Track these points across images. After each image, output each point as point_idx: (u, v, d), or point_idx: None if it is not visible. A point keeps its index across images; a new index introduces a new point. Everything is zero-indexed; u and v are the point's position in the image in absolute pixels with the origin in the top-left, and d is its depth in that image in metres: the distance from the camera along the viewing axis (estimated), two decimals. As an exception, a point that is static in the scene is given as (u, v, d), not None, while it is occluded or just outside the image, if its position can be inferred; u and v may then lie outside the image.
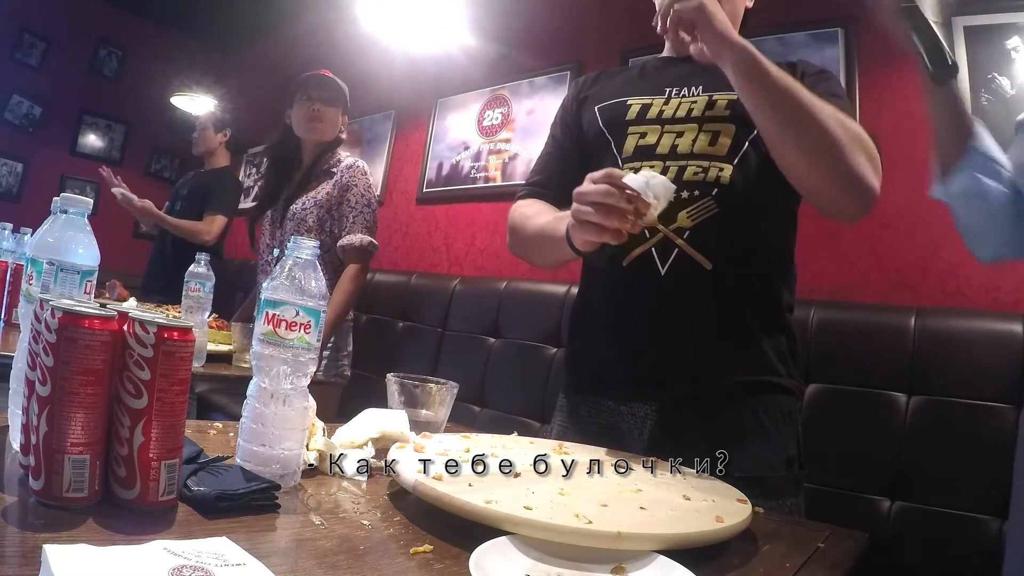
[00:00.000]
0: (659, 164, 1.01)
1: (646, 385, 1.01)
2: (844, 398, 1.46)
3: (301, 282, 0.69)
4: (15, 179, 4.23)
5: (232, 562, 0.45)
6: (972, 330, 1.38)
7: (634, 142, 1.05)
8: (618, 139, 1.07)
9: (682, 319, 0.99)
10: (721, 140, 1.00)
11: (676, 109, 1.04)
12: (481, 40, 2.83)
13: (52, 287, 0.65)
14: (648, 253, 1.00)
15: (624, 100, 1.10)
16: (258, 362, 0.68)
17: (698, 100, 1.04)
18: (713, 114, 1.02)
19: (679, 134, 1.02)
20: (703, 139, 1.01)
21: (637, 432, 1.01)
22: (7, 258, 1.48)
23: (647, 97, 1.08)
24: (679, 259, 0.98)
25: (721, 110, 1.01)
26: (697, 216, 0.98)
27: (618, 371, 1.04)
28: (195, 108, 3.66)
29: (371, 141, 3.36)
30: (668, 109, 1.05)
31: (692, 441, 0.93)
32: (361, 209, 1.98)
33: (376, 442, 0.82)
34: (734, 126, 1.00)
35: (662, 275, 0.99)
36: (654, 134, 1.04)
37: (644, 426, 1.01)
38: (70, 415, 0.52)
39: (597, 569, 0.54)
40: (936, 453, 1.34)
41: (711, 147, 1.00)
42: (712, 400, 0.98)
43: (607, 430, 1.04)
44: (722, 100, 1.02)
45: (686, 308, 0.99)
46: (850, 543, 0.76)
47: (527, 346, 2.10)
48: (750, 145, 1.00)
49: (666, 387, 1.00)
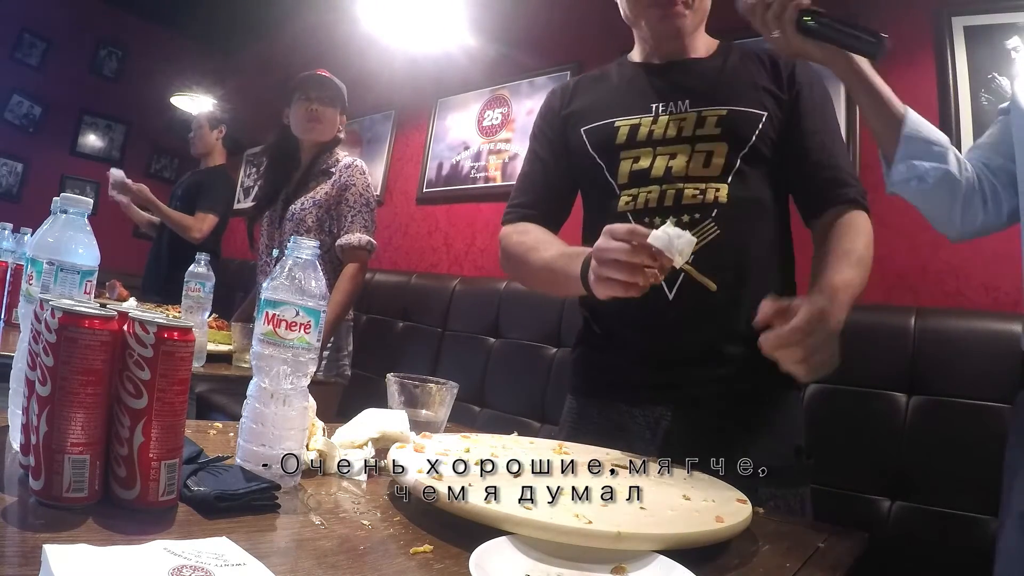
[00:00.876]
0: (656, 188, 1.01)
1: (659, 388, 1.02)
2: (844, 398, 1.46)
3: (301, 282, 0.69)
4: (15, 179, 4.23)
5: (232, 562, 0.45)
6: (972, 330, 1.38)
7: (628, 167, 1.04)
8: (611, 164, 1.06)
9: (692, 336, 1.00)
10: (714, 161, 1.00)
11: (666, 128, 1.03)
12: (481, 40, 2.83)
13: (52, 287, 0.65)
14: None
15: (611, 122, 1.07)
16: (258, 362, 0.68)
17: (687, 117, 1.02)
18: (704, 132, 1.01)
19: (672, 156, 1.02)
20: (696, 161, 1.00)
21: (649, 433, 1.02)
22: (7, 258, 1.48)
23: (634, 117, 1.06)
24: (686, 283, 0.98)
25: (711, 127, 1.01)
26: (702, 239, 0.97)
27: (629, 376, 1.05)
28: (195, 108, 3.66)
29: (371, 141, 3.36)
30: (657, 128, 1.03)
31: (705, 441, 0.93)
32: (359, 209, 1.98)
33: (376, 442, 0.82)
34: (726, 144, 1.00)
35: (670, 300, 0.99)
36: (647, 157, 1.03)
37: (657, 427, 1.01)
38: (70, 415, 0.52)
39: (597, 569, 0.54)
40: (936, 453, 1.34)
41: (705, 168, 1.00)
42: (724, 400, 0.99)
43: (616, 431, 1.04)
44: (711, 116, 1.01)
45: (695, 326, 0.99)
46: (850, 543, 0.76)
47: (527, 346, 2.10)
48: (742, 162, 1.00)
49: (679, 390, 1.00)
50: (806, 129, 1.03)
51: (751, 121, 1.01)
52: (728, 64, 1.07)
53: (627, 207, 1.03)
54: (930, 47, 1.66)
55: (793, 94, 1.04)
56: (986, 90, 1.58)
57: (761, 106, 1.02)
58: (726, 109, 1.01)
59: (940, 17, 1.64)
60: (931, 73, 1.65)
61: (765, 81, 1.04)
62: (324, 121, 2.04)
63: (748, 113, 1.01)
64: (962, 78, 1.60)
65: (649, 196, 1.01)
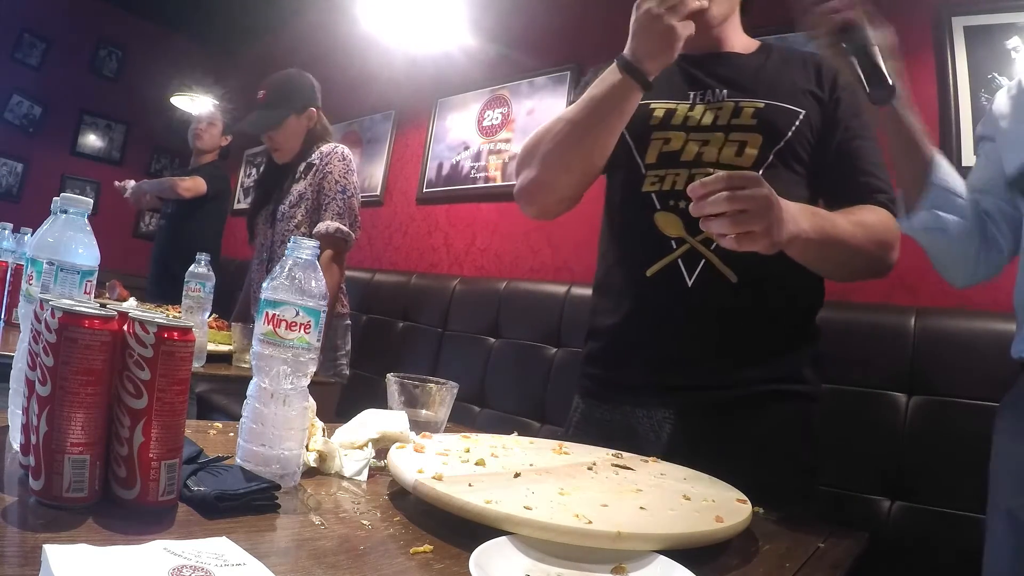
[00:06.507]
0: (684, 172, 1.00)
1: (666, 390, 1.00)
2: (844, 398, 1.46)
3: (301, 282, 0.69)
4: (15, 179, 4.23)
5: (232, 562, 0.45)
6: (972, 330, 1.38)
7: (657, 148, 1.03)
8: (640, 144, 1.05)
9: (707, 330, 0.98)
10: (747, 151, 0.99)
11: (701, 116, 1.02)
12: (481, 40, 2.83)
13: (52, 287, 0.65)
14: (674, 264, 0.99)
15: (647, 103, 1.05)
16: (258, 362, 0.68)
17: (723, 107, 1.02)
18: (739, 122, 1.00)
19: (704, 142, 1.00)
20: (729, 149, 0.99)
21: (654, 436, 1.00)
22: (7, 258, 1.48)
23: (671, 101, 1.05)
24: (706, 271, 0.97)
25: (747, 118, 1.00)
26: None
27: (639, 376, 1.03)
28: (195, 108, 3.67)
29: (371, 141, 3.36)
30: (693, 115, 1.03)
31: (707, 450, 0.92)
32: (334, 196, 1.96)
33: (376, 442, 0.82)
34: (761, 136, 0.99)
35: (689, 286, 0.98)
36: (678, 140, 1.02)
37: (661, 430, 1.00)
38: (70, 415, 0.52)
39: (597, 569, 0.54)
40: (936, 453, 1.33)
41: (737, 157, 0.99)
42: (732, 409, 0.97)
43: (624, 432, 1.03)
44: (748, 108, 1.00)
45: (712, 319, 0.98)
46: (850, 543, 0.76)
47: (527, 346, 2.10)
48: (775, 157, 0.99)
49: (686, 393, 0.99)
50: (846, 134, 1.01)
51: (788, 117, 1.00)
52: (769, 62, 1.07)
53: (652, 187, 1.02)
54: (930, 47, 1.65)
55: (835, 99, 1.02)
56: (986, 90, 1.58)
57: (800, 105, 1.01)
58: (764, 102, 1.00)
59: (940, 17, 1.64)
60: (931, 73, 1.64)
61: (807, 83, 1.03)
62: (281, 144, 2.05)
63: (786, 109, 1.00)
64: (962, 78, 1.60)
65: (676, 179, 1.00)
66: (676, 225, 0.99)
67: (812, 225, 0.86)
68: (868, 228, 0.94)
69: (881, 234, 0.95)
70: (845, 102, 1.02)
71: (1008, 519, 0.81)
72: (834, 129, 1.01)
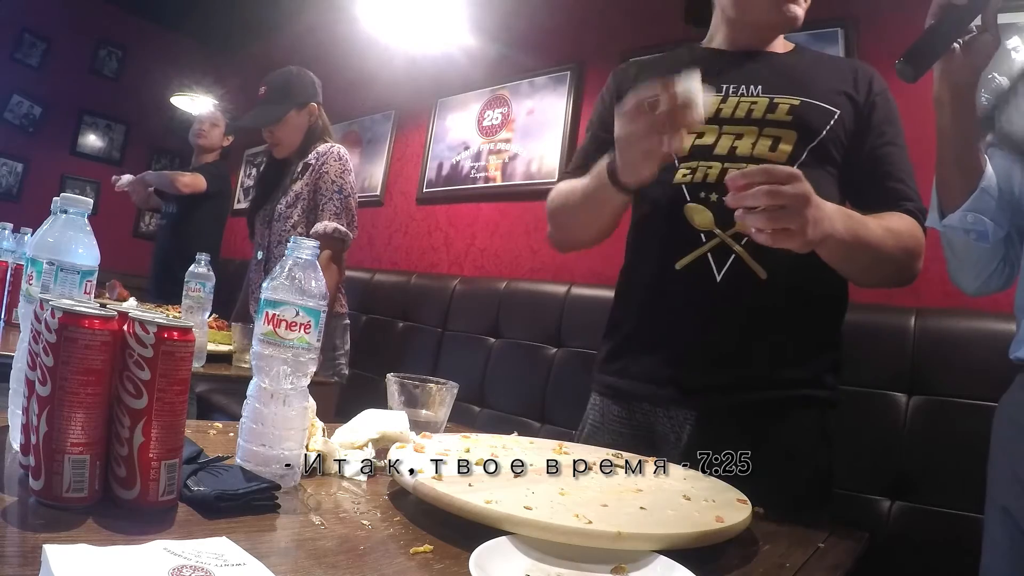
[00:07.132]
0: (717, 165, 0.99)
1: (688, 391, 0.98)
2: (844, 398, 1.46)
3: (301, 282, 0.69)
4: (15, 179, 4.23)
5: (232, 562, 0.45)
6: (972, 330, 1.38)
7: (690, 141, 1.01)
8: None
9: (733, 328, 0.97)
10: (781, 147, 0.98)
11: (735, 109, 1.01)
12: (481, 40, 2.83)
13: (52, 287, 0.65)
14: (704, 258, 0.98)
15: None
16: (258, 362, 0.68)
17: (758, 102, 1.00)
18: (774, 118, 0.99)
19: (738, 136, 0.99)
20: (763, 144, 0.98)
21: (673, 437, 0.99)
22: (7, 258, 1.48)
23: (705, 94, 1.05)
24: (736, 265, 0.96)
25: (783, 115, 0.99)
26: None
27: (660, 375, 1.01)
28: (195, 108, 3.67)
29: (371, 141, 3.36)
30: (726, 108, 1.02)
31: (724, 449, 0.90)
32: (331, 196, 1.96)
33: (376, 442, 0.82)
34: (795, 133, 0.98)
35: (717, 281, 0.97)
36: (711, 134, 1.01)
37: (681, 432, 0.98)
38: (70, 415, 0.52)
39: (597, 569, 0.54)
40: (936, 453, 1.33)
41: (771, 152, 0.98)
42: (752, 413, 0.96)
43: (641, 433, 1.02)
44: (784, 104, 0.99)
45: (739, 317, 0.97)
46: (850, 543, 0.76)
47: (527, 346, 2.10)
48: (809, 155, 0.98)
49: (708, 395, 0.97)
50: (879, 140, 1.01)
51: (823, 115, 0.99)
52: (804, 62, 1.07)
53: (684, 179, 1.01)
54: (930, 47, 1.65)
55: (870, 103, 1.02)
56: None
57: (835, 105, 1.00)
58: (799, 100, 0.99)
59: (940, 17, 1.64)
60: (931, 73, 1.64)
61: (842, 84, 1.02)
62: (282, 139, 2.06)
63: (821, 107, 0.99)
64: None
65: (709, 171, 0.99)
66: (707, 218, 0.98)
67: (845, 226, 0.86)
68: (897, 235, 0.93)
69: (909, 242, 0.95)
70: (880, 107, 1.01)
71: (1004, 517, 0.81)
72: (867, 133, 1.01)
